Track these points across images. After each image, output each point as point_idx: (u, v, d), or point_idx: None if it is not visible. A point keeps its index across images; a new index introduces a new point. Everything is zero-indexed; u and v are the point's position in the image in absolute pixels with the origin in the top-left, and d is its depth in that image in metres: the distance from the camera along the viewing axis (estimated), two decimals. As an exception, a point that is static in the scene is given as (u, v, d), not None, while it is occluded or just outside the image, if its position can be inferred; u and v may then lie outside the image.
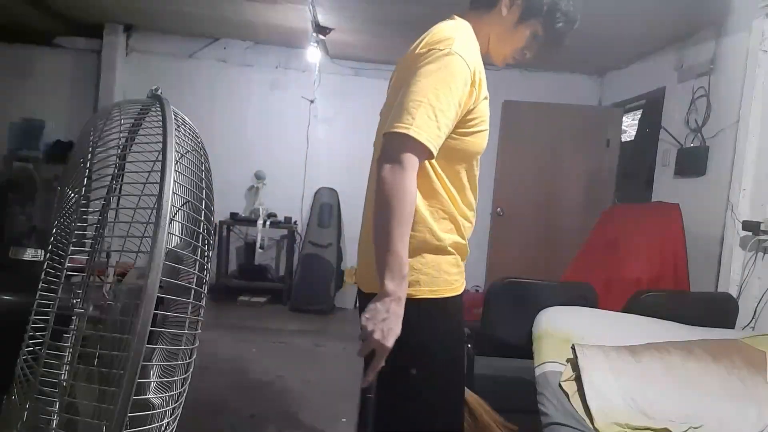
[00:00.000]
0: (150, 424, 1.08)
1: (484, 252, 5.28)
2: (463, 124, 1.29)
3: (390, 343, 1.15)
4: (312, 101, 5.54)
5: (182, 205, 1.16)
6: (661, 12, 3.55)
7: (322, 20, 4.37)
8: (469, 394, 1.79)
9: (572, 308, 2.41)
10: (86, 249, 1.15)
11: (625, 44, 4.41)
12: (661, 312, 2.43)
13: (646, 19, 3.72)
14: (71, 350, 1.09)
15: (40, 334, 1.10)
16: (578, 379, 2.02)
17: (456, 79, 1.22)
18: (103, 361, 1.04)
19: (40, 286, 1.16)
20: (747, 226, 3.07)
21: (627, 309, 2.49)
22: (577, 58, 5.01)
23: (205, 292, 1.23)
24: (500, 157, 5.07)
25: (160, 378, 1.16)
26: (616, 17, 3.72)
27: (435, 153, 1.21)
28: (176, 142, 1.08)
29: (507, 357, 2.78)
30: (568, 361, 2.12)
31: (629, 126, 5.13)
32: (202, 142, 1.26)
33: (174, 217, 1.13)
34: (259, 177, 5.41)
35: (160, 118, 1.11)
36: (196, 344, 1.23)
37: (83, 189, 1.16)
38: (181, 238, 1.20)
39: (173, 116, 1.11)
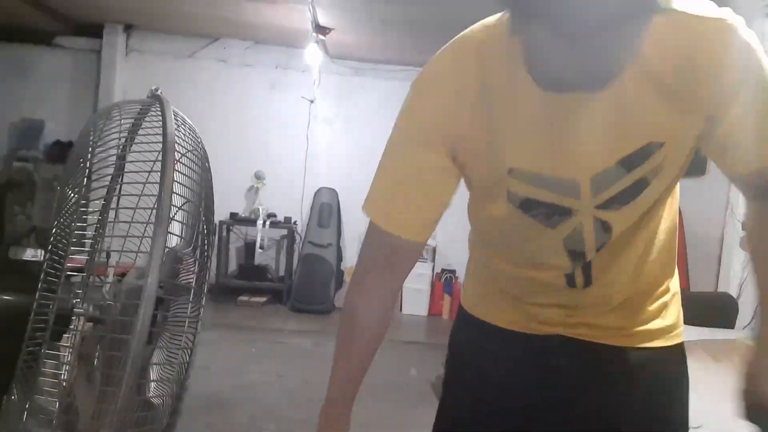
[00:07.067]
0: (150, 424, 1.08)
1: (484, 252, 5.28)
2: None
3: None
4: (312, 101, 5.54)
5: (182, 205, 1.16)
6: (661, 12, 3.55)
7: (322, 20, 4.37)
8: None
9: (572, 308, 2.41)
10: (86, 249, 1.15)
11: (625, 44, 4.41)
12: (661, 312, 2.42)
13: (646, 19, 3.72)
14: (71, 350, 1.09)
15: (40, 334, 1.10)
16: (578, 379, 2.02)
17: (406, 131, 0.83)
18: (103, 361, 1.04)
19: (39, 286, 1.16)
20: (747, 226, 3.07)
21: (627, 309, 2.48)
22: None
23: (205, 292, 1.23)
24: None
25: (160, 378, 1.16)
26: (616, 17, 3.72)
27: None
28: (176, 142, 1.08)
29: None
30: (568, 361, 2.12)
31: (629, 126, 5.14)
32: (202, 142, 1.26)
33: (174, 217, 1.13)
34: (258, 177, 5.41)
35: (160, 118, 1.11)
36: (196, 344, 1.23)
37: (83, 189, 1.16)
38: (181, 238, 1.20)
39: (173, 116, 1.11)
